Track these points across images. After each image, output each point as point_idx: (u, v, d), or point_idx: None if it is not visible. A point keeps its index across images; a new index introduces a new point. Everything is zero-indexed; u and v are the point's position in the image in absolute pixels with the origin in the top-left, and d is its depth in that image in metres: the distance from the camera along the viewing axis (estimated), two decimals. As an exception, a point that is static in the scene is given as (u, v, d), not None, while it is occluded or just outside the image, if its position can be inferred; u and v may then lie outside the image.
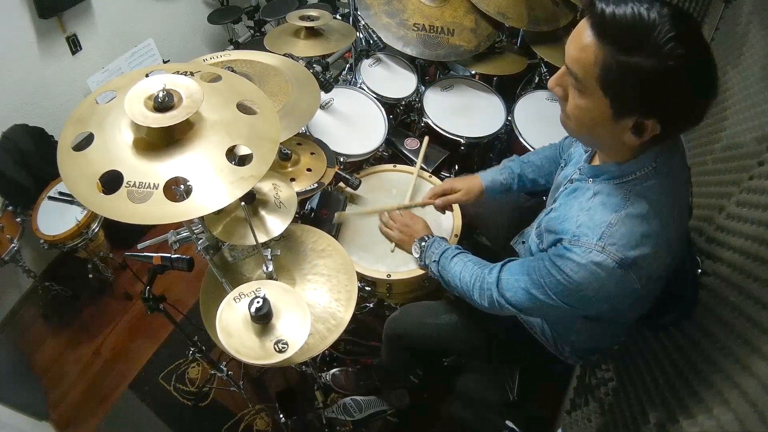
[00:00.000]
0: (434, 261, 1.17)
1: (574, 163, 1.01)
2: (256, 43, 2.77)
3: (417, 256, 1.28)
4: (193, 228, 1.08)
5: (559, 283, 0.82)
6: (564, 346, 1.12)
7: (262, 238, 1.04)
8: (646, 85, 0.65)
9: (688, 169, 0.88)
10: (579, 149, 1.03)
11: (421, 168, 1.67)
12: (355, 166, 1.70)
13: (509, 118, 1.84)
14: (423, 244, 1.25)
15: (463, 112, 1.89)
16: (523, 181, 1.30)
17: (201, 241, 1.08)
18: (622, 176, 0.80)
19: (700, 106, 0.69)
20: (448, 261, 1.13)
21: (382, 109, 1.80)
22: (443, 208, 1.40)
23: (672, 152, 0.80)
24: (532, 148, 1.73)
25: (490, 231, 1.57)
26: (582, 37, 0.68)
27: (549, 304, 0.86)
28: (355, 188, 1.51)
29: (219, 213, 1.07)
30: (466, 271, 1.06)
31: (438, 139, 1.86)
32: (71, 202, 1.79)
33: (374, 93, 1.85)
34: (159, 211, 0.71)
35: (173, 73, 0.84)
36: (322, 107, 1.75)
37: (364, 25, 1.90)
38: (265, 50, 1.50)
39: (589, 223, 0.79)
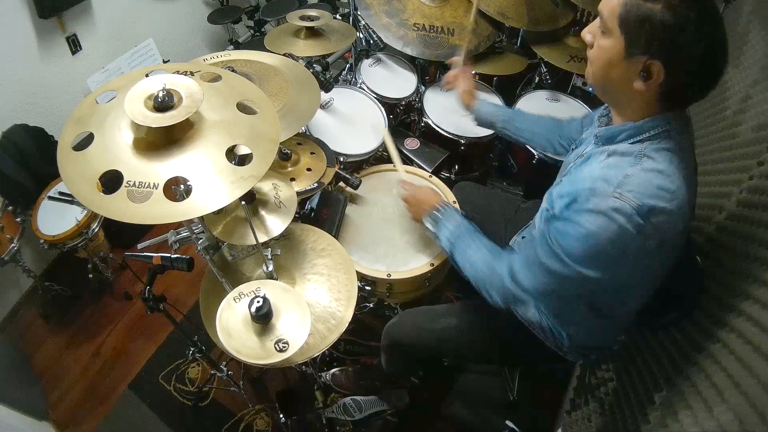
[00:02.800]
0: (448, 240, 1.13)
1: (587, 143, 1.01)
2: (256, 43, 2.77)
3: (430, 228, 1.20)
4: (193, 228, 1.08)
5: (575, 239, 0.81)
6: (562, 340, 1.11)
7: (262, 238, 1.04)
8: (657, 26, 0.73)
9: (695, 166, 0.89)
10: (591, 130, 1.03)
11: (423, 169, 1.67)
12: (355, 166, 1.70)
13: (509, 118, 1.84)
14: (438, 215, 1.18)
15: (463, 112, 1.89)
16: (509, 126, 1.41)
17: (201, 241, 1.08)
18: (638, 134, 0.83)
19: (706, 63, 0.75)
20: (462, 242, 1.10)
21: (382, 109, 1.80)
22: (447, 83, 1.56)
23: (683, 128, 0.83)
24: (532, 147, 1.73)
25: (489, 234, 1.56)
26: None
27: (565, 275, 0.85)
28: (355, 188, 1.51)
29: (219, 213, 1.07)
30: (481, 261, 1.04)
31: (438, 139, 1.86)
32: (71, 202, 1.78)
33: (374, 93, 1.85)
34: (159, 211, 0.71)
35: (173, 73, 0.84)
36: (322, 107, 1.75)
37: (364, 25, 1.90)
38: (265, 50, 1.50)
39: (605, 177, 0.80)
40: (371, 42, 1.90)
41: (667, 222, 0.77)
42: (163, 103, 0.75)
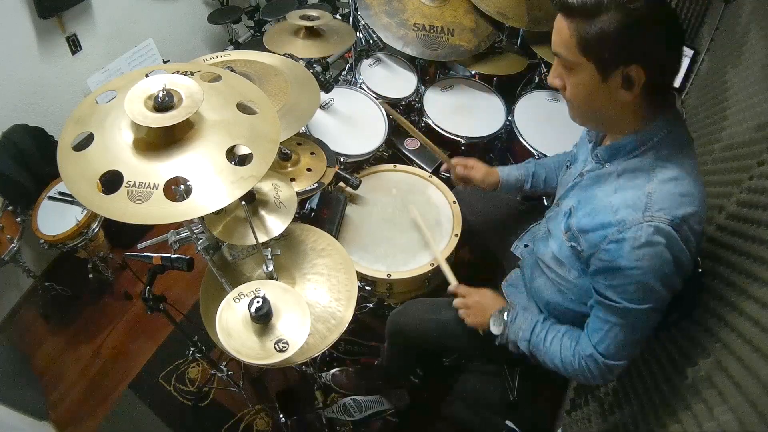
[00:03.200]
0: (524, 339, 1.02)
1: (582, 160, 1.01)
2: (256, 43, 2.77)
3: (498, 333, 1.08)
4: (193, 228, 1.08)
5: (635, 286, 0.79)
6: None
7: (262, 238, 1.04)
8: (616, 33, 0.73)
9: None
10: (584, 149, 1.02)
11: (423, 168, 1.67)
12: (355, 166, 1.70)
13: (509, 118, 1.84)
14: (505, 317, 1.07)
15: (463, 112, 1.89)
16: (537, 179, 1.31)
17: (201, 241, 1.08)
18: (640, 146, 0.82)
19: (672, 47, 0.77)
20: (541, 341, 1.00)
21: (383, 109, 1.80)
22: (460, 180, 1.35)
23: (679, 124, 0.83)
24: (533, 148, 1.73)
25: (489, 239, 1.55)
26: (557, 24, 0.80)
27: (641, 321, 0.83)
28: (355, 188, 1.51)
29: (219, 213, 1.07)
30: (566, 351, 0.95)
31: (438, 139, 1.86)
32: (71, 202, 1.78)
33: (374, 93, 1.85)
34: (159, 211, 0.71)
35: (173, 73, 0.84)
36: (323, 107, 1.75)
37: (364, 25, 1.90)
38: (265, 50, 1.49)
39: (628, 203, 0.79)
40: (371, 42, 1.90)
41: (696, 223, 0.78)
42: (163, 103, 0.75)
